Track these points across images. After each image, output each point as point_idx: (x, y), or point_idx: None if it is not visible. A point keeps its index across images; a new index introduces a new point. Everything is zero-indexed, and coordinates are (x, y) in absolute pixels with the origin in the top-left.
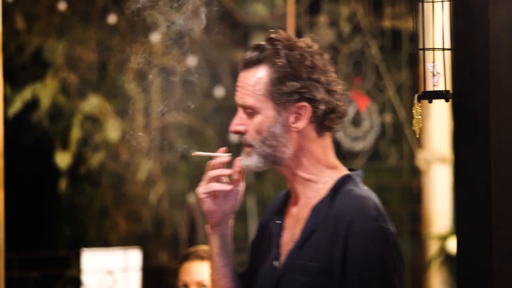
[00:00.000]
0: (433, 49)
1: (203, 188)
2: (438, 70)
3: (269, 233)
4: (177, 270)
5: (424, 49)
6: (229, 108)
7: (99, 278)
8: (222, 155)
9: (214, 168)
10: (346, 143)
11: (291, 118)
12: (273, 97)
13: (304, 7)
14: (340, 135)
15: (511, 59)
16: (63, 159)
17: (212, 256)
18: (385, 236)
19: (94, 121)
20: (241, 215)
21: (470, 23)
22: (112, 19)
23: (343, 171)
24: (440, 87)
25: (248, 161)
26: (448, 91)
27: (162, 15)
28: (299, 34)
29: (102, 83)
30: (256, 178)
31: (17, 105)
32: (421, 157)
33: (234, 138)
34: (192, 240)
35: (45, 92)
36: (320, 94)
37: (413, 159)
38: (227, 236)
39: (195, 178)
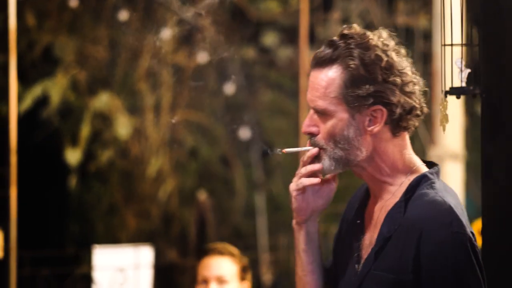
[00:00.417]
0: (462, 44)
1: (294, 185)
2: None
3: (350, 232)
4: (187, 267)
5: (452, 45)
6: (238, 105)
7: (110, 276)
8: (309, 149)
9: (305, 164)
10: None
11: (366, 121)
12: (346, 100)
13: (317, 3)
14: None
15: None
16: (72, 156)
17: (298, 252)
18: (461, 242)
19: (104, 118)
20: (249, 212)
21: (499, 19)
22: (123, 16)
23: (419, 170)
24: (455, 83)
25: (320, 164)
26: (476, 87)
27: (173, 12)
28: (312, 31)
29: (112, 80)
30: (265, 175)
31: (27, 102)
32: (433, 154)
33: (244, 135)
34: (202, 237)
35: (55, 89)
36: (396, 97)
37: (425, 156)
38: (314, 233)
39: (205, 175)
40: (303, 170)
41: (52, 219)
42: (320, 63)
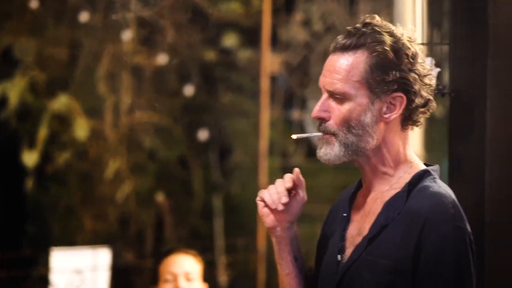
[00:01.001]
0: (431, 44)
1: (260, 191)
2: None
3: (333, 227)
4: (144, 268)
5: (422, 44)
6: (198, 106)
7: (67, 278)
8: (319, 134)
9: (283, 180)
10: (317, 141)
11: (384, 108)
12: (369, 85)
13: (279, 5)
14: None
15: (510, 55)
16: (30, 158)
17: (276, 263)
18: (462, 237)
19: (62, 120)
20: (207, 213)
21: (470, 19)
22: (84, 17)
23: (420, 165)
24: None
25: (329, 149)
26: (445, 86)
27: (134, 13)
28: (274, 32)
29: (71, 82)
30: (223, 177)
31: None
32: None
33: (202, 136)
34: (160, 239)
35: (14, 90)
36: (417, 86)
37: None
38: (285, 245)
39: (163, 176)
40: (276, 184)
41: (9, 221)
42: (344, 47)
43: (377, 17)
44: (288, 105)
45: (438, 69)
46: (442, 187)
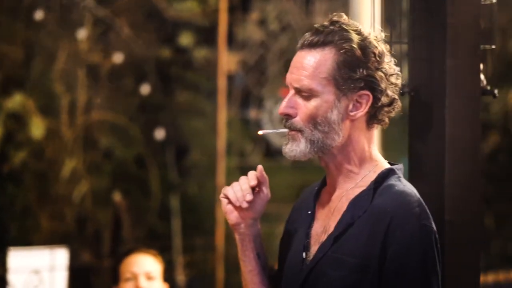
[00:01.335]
0: (391, 42)
1: (224, 188)
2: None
3: (298, 224)
4: (102, 268)
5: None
6: (154, 105)
7: (25, 278)
8: (285, 131)
9: (244, 177)
10: (276, 140)
11: (350, 106)
12: (336, 82)
13: (235, 4)
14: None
15: (469, 54)
16: None
17: (240, 261)
18: (427, 235)
19: (17, 119)
20: (164, 213)
21: (428, 18)
22: (39, 15)
23: (385, 164)
24: None
25: (295, 146)
26: (404, 85)
27: (89, 11)
28: (230, 31)
29: (27, 81)
30: (180, 176)
31: None
32: None
33: (159, 135)
34: (117, 238)
35: None
36: (383, 85)
37: None
38: (248, 242)
39: (120, 176)
40: (240, 181)
41: None
42: (312, 44)
43: (344, 16)
44: (245, 104)
45: (397, 68)
46: (407, 186)
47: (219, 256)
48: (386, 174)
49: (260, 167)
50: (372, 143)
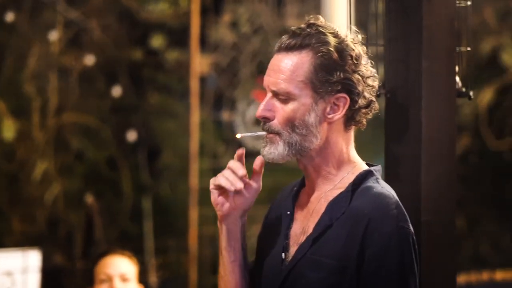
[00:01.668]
0: (367, 44)
1: (213, 179)
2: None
3: (277, 223)
4: (74, 270)
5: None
6: (126, 107)
7: None
8: (262, 134)
9: (234, 163)
10: (249, 142)
11: (327, 109)
12: (313, 85)
13: (207, 6)
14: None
15: (444, 56)
16: None
17: (221, 251)
18: (405, 237)
19: None
20: (137, 215)
21: (404, 20)
22: (9, 17)
23: (363, 166)
24: None
25: (273, 149)
26: (381, 86)
27: (60, 13)
28: (203, 33)
29: None
30: (152, 178)
31: None
32: None
33: (131, 137)
34: (89, 240)
35: None
36: (360, 87)
37: None
38: (236, 232)
39: (92, 178)
40: (228, 167)
41: None
42: (289, 47)
43: (321, 18)
44: (218, 106)
45: (374, 70)
46: (385, 187)
47: (192, 258)
48: (364, 176)
49: (240, 151)
50: (350, 145)
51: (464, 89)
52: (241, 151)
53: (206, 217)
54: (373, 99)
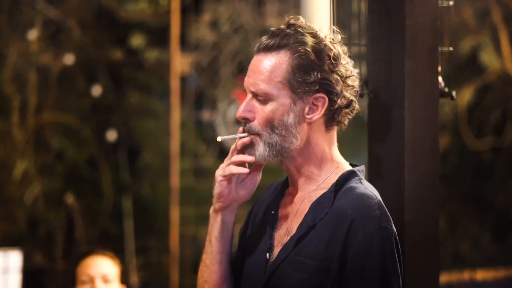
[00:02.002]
0: (350, 44)
1: (221, 171)
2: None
3: (262, 222)
4: (55, 270)
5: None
6: (106, 107)
7: None
8: (242, 136)
9: (237, 152)
10: (229, 142)
11: (306, 109)
12: (291, 86)
13: (187, 5)
14: (223, 133)
15: (427, 56)
16: None
17: (209, 240)
18: (387, 237)
19: None
20: (117, 215)
21: (387, 20)
22: None
23: (346, 166)
24: None
25: (254, 150)
26: (364, 86)
27: (39, 12)
28: (183, 32)
29: None
30: (132, 178)
31: None
32: None
33: (111, 137)
34: (70, 240)
35: None
36: (339, 87)
37: None
38: (230, 223)
39: (72, 177)
40: (234, 158)
41: None
42: (268, 48)
43: (301, 18)
44: (198, 106)
45: (356, 70)
46: (368, 188)
47: (174, 258)
48: (347, 176)
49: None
50: (332, 145)
51: (446, 89)
52: (247, 139)
53: (187, 217)
54: (353, 99)
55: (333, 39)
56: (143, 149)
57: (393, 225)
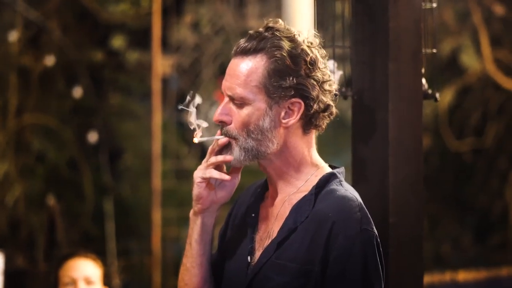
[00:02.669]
0: (333, 46)
1: (201, 172)
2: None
3: (242, 225)
4: (37, 272)
5: (324, 47)
6: (87, 108)
7: None
8: (219, 138)
9: (214, 153)
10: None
11: (282, 113)
12: (267, 90)
13: (169, 6)
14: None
15: (410, 58)
16: None
17: (190, 243)
18: (368, 239)
19: None
20: (98, 216)
21: (370, 22)
22: None
23: (326, 168)
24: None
25: (229, 153)
26: (348, 88)
27: (20, 14)
28: (164, 34)
29: None
30: (113, 180)
31: None
32: None
33: (92, 138)
34: (51, 242)
35: None
36: (315, 93)
37: None
38: (210, 225)
39: (53, 179)
40: (212, 159)
41: None
42: (244, 51)
43: (280, 21)
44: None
45: (340, 72)
46: (348, 190)
47: (156, 260)
48: (327, 179)
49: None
50: (311, 148)
51: (430, 91)
52: (225, 140)
53: (169, 219)
54: (331, 103)
55: (311, 43)
56: (125, 150)
57: (374, 227)
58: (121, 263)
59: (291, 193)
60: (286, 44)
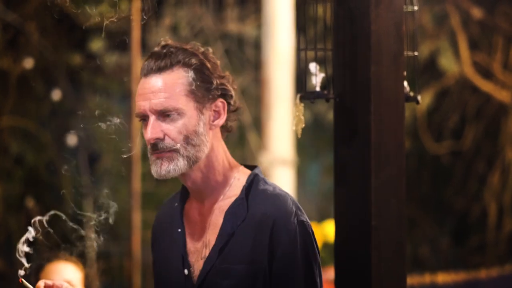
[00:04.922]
0: (315, 49)
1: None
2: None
3: (170, 243)
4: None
5: (306, 49)
6: (65, 111)
7: None
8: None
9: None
10: None
11: (211, 116)
12: (196, 96)
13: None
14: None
15: (392, 61)
16: None
17: None
18: (306, 230)
19: None
20: (77, 220)
21: (352, 25)
22: None
23: (244, 169)
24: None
25: (172, 165)
26: (330, 91)
27: None
28: (143, 37)
29: None
30: (92, 182)
31: None
32: (264, 160)
33: (71, 141)
34: (30, 245)
35: None
36: (232, 91)
37: (256, 162)
38: None
39: (31, 182)
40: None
41: None
42: (160, 69)
43: (169, 40)
44: None
45: (322, 74)
46: (276, 187)
47: (136, 263)
48: (253, 180)
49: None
50: (226, 151)
51: (411, 94)
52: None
53: (148, 222)
54: (238, 103)
55: (207, 48)
56: (103, 153)
57: (306, 216)
58: (100, 266)
59: (218, 199)
60: (197, 53)
